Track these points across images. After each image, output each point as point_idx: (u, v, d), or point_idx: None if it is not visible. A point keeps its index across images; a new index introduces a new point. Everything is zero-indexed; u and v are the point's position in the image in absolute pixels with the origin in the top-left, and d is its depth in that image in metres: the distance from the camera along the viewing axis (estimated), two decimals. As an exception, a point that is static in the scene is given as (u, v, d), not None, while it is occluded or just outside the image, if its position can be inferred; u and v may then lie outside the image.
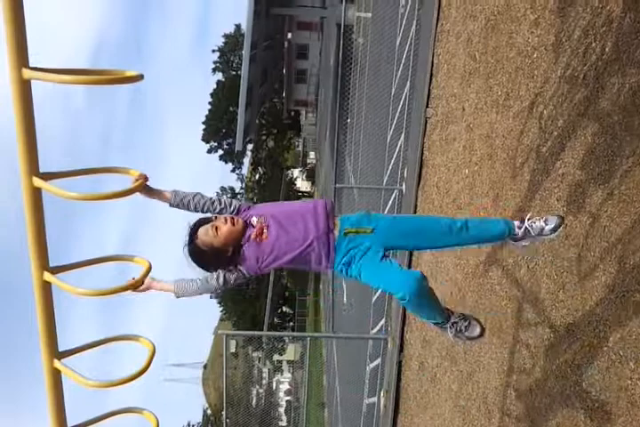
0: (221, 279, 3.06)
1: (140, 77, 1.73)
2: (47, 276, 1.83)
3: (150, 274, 2.08)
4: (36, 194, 1.78)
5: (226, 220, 3.00)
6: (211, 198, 3.11)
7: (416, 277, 2.81)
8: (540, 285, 4.18)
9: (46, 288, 1.91)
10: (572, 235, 3.75)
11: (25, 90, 1.63)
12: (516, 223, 3.11)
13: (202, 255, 3.03)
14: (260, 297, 46.66)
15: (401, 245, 3.12)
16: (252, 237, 3.00)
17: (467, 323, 3.17)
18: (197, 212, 3.09)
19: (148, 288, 3.01)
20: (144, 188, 2.82)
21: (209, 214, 3.11)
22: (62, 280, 1.93)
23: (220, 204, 3.10)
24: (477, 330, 3.16)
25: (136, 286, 2.52)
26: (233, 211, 3.09)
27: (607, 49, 3.52)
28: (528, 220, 3.10)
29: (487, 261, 5.32)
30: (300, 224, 2.98)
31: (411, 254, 8.23)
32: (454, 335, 3.13)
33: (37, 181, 1.72)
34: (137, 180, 2.46)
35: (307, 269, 3.13)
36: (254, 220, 3.03)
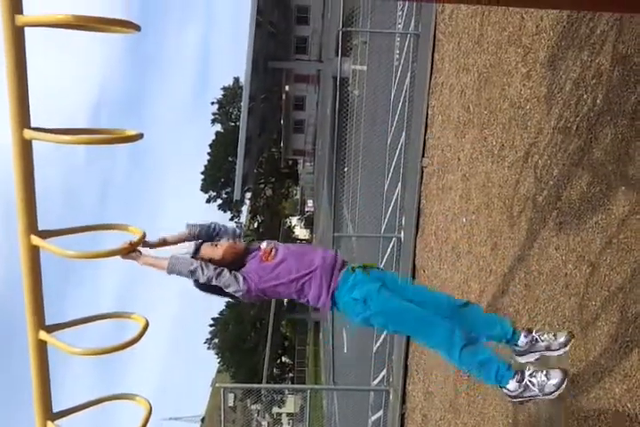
0: (218, 270, 3.00)
1: (139, 137, 1.75)
2: (43, 335, 1.81)
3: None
4: (34, 252, 1.78)
5: (227, 241, 3.10)
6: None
7: (450, 326, 2.80)
8: (543, 335, 4.12)
9: (42, 347, 1.89)
10: (573, 284, 3.73)
11: (26, 150, 1.65)
12: (523, 333, 3.02)
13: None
14: (259, 347, 45.92)
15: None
16: (260, 254, 3.05)
17: (544, 374, 2.83)
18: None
19: (139, 256, 2.85)
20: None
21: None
22: (58, 338, 1.91)
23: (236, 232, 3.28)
24: (559, 378, 2.80)
25: (130, 249, 2.47)
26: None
27: (598, 100, 3.59)
28: (536, 332, 3.01)
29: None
30: (308, 256, 3.03)
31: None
32: (541, 388, 2.82)
33: (35, 240, 1.72)
34: (130, 244, 2.47)
35: (304, 302, 3.08)
36: (264, 244, 3.10)
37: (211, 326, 55.44)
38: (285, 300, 55.11)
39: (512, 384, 2.82)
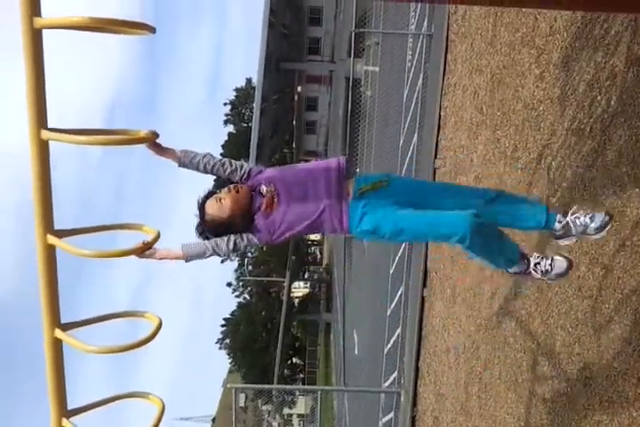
0: (231, 244, 2.90)
1: (154, 137, 1.78)
2: (58, 333, 1.83)
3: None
4: (50, 251, 1.80)
5: (229, 189, 2.92)
6: (221, 159, 3.00)
7: (470, 212, 2.66)
8: (555, 337, 4.11)
9: (57, 345, 1.91)
10: (586, 287, 3.71)
11: (43, 150, 1.67)
12: (558, 217, 2.92)
13: (214, 229, 2.94)
14: (270, 348, 46.00)
15: (421, 203, 2.89)
16: (263, 208, 2.90)
17: (549, 261, 2.89)
18: (206, 173, 2.99)
19: (153, 253, 2.74)
20: (153, 145, 2.71)
21: (214, 183, 3.07)
22: (72, 336, 1.93)
23: (231, 165, 2.99)
24: (565, 264, 2.88)
25: (145, 248, 2.42)
26: (243, 175, 2.99)
27: (612, 102, 3.57)
28: (572, 214, 2.91)
29: (500, 312, 5.25)
30: (312, 191, 2.87)
31: (422, 304, 8.15)
32: (543, 276, 2.88)
33: (52, 239, 1.74)
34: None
35: (323, 234, 2.98)
36: (263, 189, 2.92)
37: (222, 326, 55.62)
38: (295, 301, 55.07)
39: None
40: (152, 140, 2.43)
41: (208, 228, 2.95)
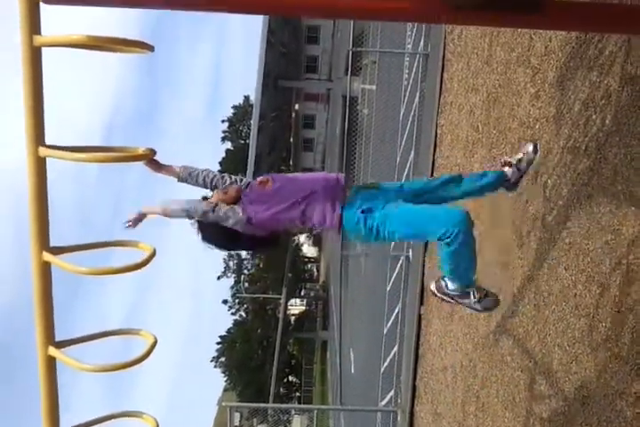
0: (212, 205, 2.91)
1: (151, 153, 1.78)
2: (52, 351, 1.82)
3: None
4: (46, 268, 1.79)
5: (217, 191, 3.01)
6: (220, 173, 3.10)
7: (464, 209, 2.81)
8: (552, 355, 4.09)
9: (51, 363, 1.89)
10: (582, 305, 3.70)
11: (40, 167, 1.68)
12: (506, 171, 3.23)
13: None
14: (266, 366, 45.66)
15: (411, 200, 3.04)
16: (256, 184, 2.97)
17: (484, 293, 3.07)
18: (206, 187, 3.04)
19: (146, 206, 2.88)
20: (151, 162, 2.82)
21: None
22: (67, 354, 1.92)
23: (230, 178, 3.09)
24: (493, 302, 3.09)
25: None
26: (242, 186, 3.08)
27: (607, 121, 3.60)
28: (517, 162, 3.23)
29: (497, 330, 5.23)
30: (309, 180, 3.00)
31: (419, 322, 8.11)
32: (475, 302, 3.02)
33: (47, 256, 1.74)
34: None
35: (310, 227, 2.95)
36: (259, 178, 3.04)
37: (218, 344, 55.25)
38: (292, 319, 54.80)
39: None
40: (150, 158, 2.45)
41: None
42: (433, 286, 3.14)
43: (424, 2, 2.92)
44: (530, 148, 3.28)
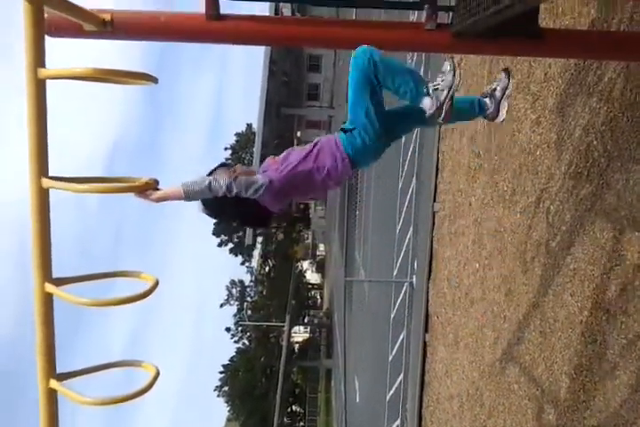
0: (233, 177, 2.84)
1: (154, 184, 1.79)
2: (54, 383, 1.80)
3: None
4: (48, 299, 1.78)
5: (242, 167, 3.03)
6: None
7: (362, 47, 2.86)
8: (560, 384, 4.03)
9: (52, 396, 1.87)
10: (589, 332, 3.66)
11: (43, 198, 1.68)
12: (485, 102, 3.27)
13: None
14: (270, 395, 45.09)
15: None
16: (270, 160, 3.08)
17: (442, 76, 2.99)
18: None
19: (151, 195, 2.58)
20: (155, 198, 2.65)
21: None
22: (68, 386, 1.89)
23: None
24: (450, 77, 2.97)
25: (145, 188, 2.27)
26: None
27: (608, 146, 3.61)
28: (492, 92, 3.27)
29: (503, 358, 5.16)
30: (310, 144, 3.13)
31: (425, 350, 8.03)
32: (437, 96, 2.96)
33: (49, 287, 1.73)
34: (147, 183, 2.29)
35: (327, 178, 2.98)
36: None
37: (221, 372, 54.65)
38: (295, 347, 54.25)
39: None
40: (152, 188, 2.41)
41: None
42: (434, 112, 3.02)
43: (425, 31, 2.97)
44: (502, 81, 3.32)
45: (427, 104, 2.97)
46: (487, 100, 3.33)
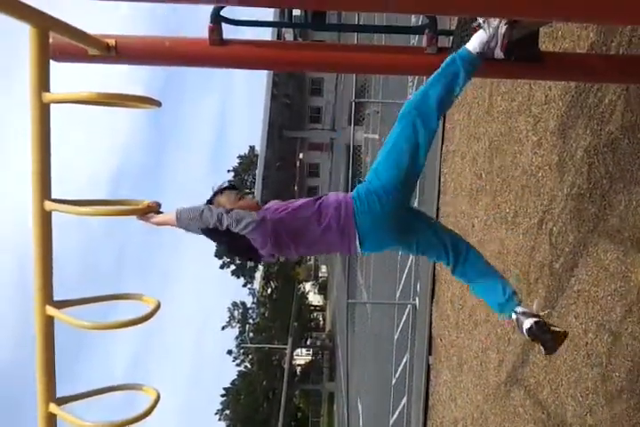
0: (226, 209, 2.75)
1: (156, 206, 1.79)
2: (53, 408, 1.78)
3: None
4: (49, 322, 1.77)
5: (253, 197, 2.93)
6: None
7: None
8: (566, 407, 3.97)
9: (51, 420, 1.85)
10: (594, 354, 3.63)
11: (45, 221, 1.68)
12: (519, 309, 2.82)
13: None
14: (272, 419, 44.55)
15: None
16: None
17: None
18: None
19: (151, 217, 2.53)
20: (155, 222, 2.62)
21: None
22: (68, 411, 1.87)
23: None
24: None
25: (147, 211, 2.24)
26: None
27: (610, 168, 3.62)
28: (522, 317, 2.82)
29: (508, 380, 5.11)
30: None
31: (428, 373, 7.94)
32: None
33: (50, 310, 1.72)
34: (149, 206, 2.33)
35: (327, 229, 2.76)
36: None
37: (222, 396, 54.08)
38: (298, 369, 53.78)
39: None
40: (154, 211, 2.41)
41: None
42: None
43: (426, 55, 3.00)
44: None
45: (477, 40, 2.77)
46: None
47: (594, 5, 1.47)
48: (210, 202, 2.87)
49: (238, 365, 55.35)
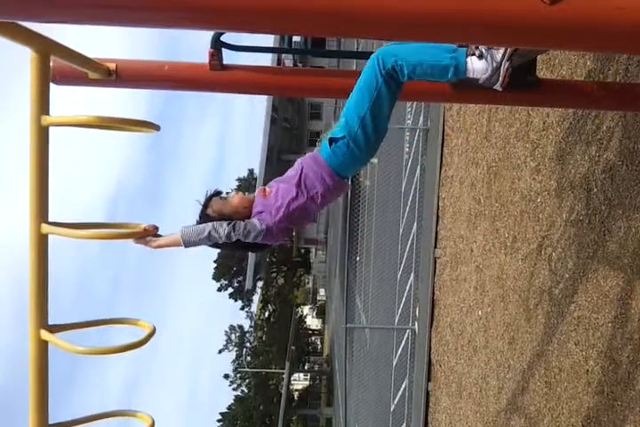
0: (231, 225, 2.77)
1: (154, 230, 1.79)
2: (45, 435, 1.74)
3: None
4: (43, 347, 1.75)
5: (236, 191, 2.98)
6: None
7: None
8: (567, 436, 3.91)
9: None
10: (595, 382, 3.58)
11: (42, 244, 1.67)
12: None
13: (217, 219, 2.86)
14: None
15: None
16: (259, 195, 2.93)
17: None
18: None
19: (150, 241, 2.52)
20: (154, 246, 2.62)
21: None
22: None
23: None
24: None
25: (145, 234, 2.22)
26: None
27: (609, 194, 3.62)
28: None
29: (508, 408, 5.04)
30: (294, 171, 2.96)
31: (427, 399, 7.85)
32: None
33: (45, 335, 1.70)
34: (146, 230, 2.33)
35: (321, 200, 2.82)
36: (257, 190, 3.02)
37: (218, 421, 53.36)
38: (295, 394, 53.11)
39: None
40: (151, 234, 2.41)
41: (209, 220, 2.88)
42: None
43: (424, 81, 3.01)
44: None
45: (478, 67, 2.56)
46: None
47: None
48: (204, 215, 2.90)
49: (235, 389, 54.75)
